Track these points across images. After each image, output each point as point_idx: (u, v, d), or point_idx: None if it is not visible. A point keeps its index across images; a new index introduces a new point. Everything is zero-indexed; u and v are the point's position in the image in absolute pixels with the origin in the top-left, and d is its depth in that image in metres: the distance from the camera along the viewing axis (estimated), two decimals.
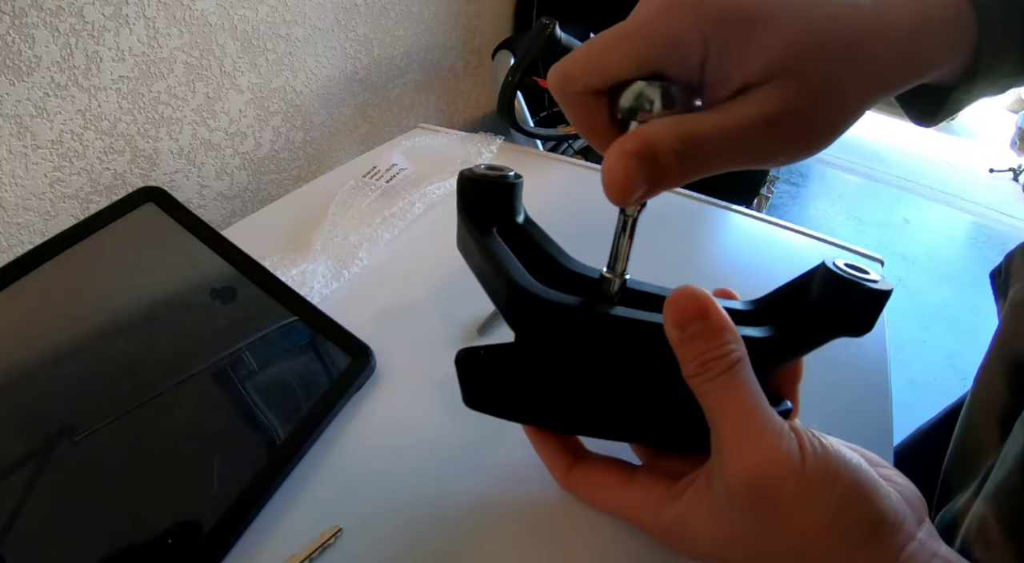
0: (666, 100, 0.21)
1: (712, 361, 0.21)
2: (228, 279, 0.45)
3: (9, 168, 0.63)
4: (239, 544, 0.35)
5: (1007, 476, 0.31)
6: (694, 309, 0.21)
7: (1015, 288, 0.41)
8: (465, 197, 0.26)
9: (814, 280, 0.25)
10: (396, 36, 1.15)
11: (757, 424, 0.20)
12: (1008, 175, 3.68)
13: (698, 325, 0.21)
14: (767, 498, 0.20)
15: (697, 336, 0.21)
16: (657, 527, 0.24)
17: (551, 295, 0.22)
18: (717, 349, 0.21)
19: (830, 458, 0.20)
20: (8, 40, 0.59)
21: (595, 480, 0.26)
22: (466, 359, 0.25)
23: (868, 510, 0.20)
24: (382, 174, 0.68)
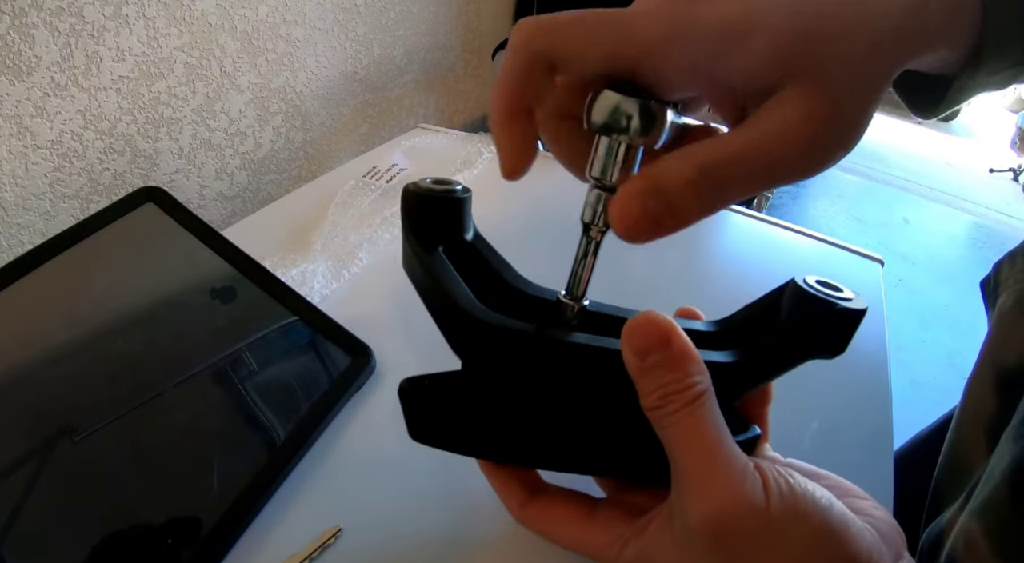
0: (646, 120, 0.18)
1: (674, 394, 0.19)
2: (228, 279, 0.45)
3: (9, 168, 0.63)
4: (239, 544, 0.35)
5: (994, 490, 0.30)
6: (655, 336, 0.19)
7: (1003, 297, 0.41)
8: (409, 213, 0.23)
9: (783, 298, 0.23)
10: (396, 36, 1.15)
11: (719, 463, 0.19)
12: (1008, 175, 3.68)
13: (660, 354, 0.19)
14: (729, 542, 0.19)
15: (659, 366, 0.19)
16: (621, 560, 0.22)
17: (496, 319, 0.21)
18: (680, 381, 0.19)
19: (797, 499, 0.19)
20: (8, 40, 0.59)
21: (552, 515, 0.24)
22: (410, 389, 0.23)
23: (839, 553, 0.19)
24: (382, 174, 0.68)
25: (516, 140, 0.21)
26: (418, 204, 0.23)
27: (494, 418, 0.22)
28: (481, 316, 0.21)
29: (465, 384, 0.22)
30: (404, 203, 0.24)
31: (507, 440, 0.23)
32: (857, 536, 0.20)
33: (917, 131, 4.43)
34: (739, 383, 0.23)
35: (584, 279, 0.23)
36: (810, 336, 0.22)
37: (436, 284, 0.22)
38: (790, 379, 0.28)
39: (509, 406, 0.22)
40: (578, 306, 0.23)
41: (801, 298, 0.22)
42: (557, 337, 0.21)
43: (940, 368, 1.98)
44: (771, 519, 0.19)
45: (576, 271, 0.23)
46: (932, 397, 1.81)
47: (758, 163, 0.18)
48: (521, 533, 0.36)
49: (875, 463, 0.41)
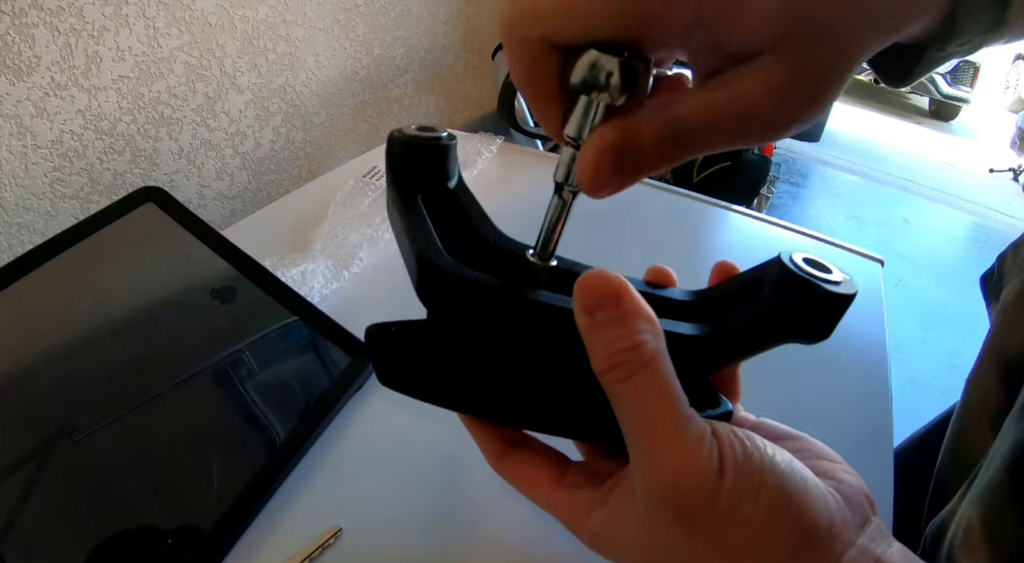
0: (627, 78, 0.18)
1: (623, 353, 0.18)
2: (228, 279, 0.45)
3: (9, 168, 0.63)
4: (239, 544, 0.35)
5: (993, 475, 0.30)
6: (605, 293, 0.18)
7: (1008, 287, 0.41)
8: (392, 159, 0.23)
9: (767, 275, 0.22)
10: (396, 36, 1.15)
11: (672, 430, 0.18)
12: (1008, 175, 3.68)
13: (609, 311, 0.18)
14: (685, 511, 0.19)
15: (608, 323, 0.18)
16: (585, 532, 0.22)
17: (462, 271, 0.20)
18: (629, 338, 0.18)
19: (753, 465, 0.19)
20: (8, 40, 0.59)
21: (525, 473, 0.24)
22: (376, 335, 0.22)
23: (797, 520, 0.19)
24: (382, 174, 0.68)
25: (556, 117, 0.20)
26: (401, 150, 0.23)
27: (456, 369, 0.22)
28: (444, 265, 0.20)
29: (430, 333, 0.22)
30: (388, 149, 0.23)
31: (469, 392, 0.22)
32: (818, 502, 0.19)
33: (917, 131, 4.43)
34: (709, 359, 0.22)
35: (553, 240, 0.22)
36: (790, 317, 0.21)
37: (408, 232, 0.22)
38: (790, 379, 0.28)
39: (471, 358, 0.22)
40: (545, 265, 0.23)
41: (784, 276, 0.21)
42: (519, 293, 0.20)
43: (940, 368, 1.98)
44: (726, 487, 0.18)
45: (545, 231, 0.22)
46: (932, 397, 1.81)
47: (729, 123, 0.18)
48: (521, 533, 0.36)
49: (875, 462, 0.41)
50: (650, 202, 0.67)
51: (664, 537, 0.20)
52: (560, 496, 0.23)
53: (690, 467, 0.18)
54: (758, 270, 0.23)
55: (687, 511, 0.19)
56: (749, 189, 1.80)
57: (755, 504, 0.18)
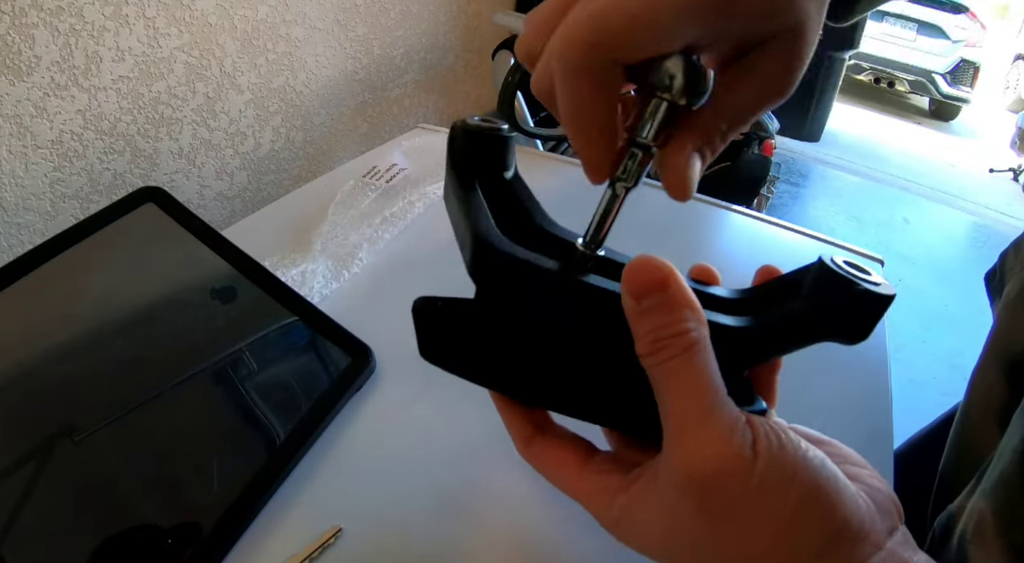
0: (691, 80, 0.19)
1: (667, 339, 0.19)
2: (228, 279, 0.45)
3: (9, 168, 0.63)
4: (239, 544, 0.35)
5: (1005, 467, 0.30)
6: (653, 280, 0.19)
7: (1010, 284, 0.41)
8: (454, 147, 0.24)
9: (808, 276, 0.23)
10: (396, 36, 1.15)
11: (708, 414, 0.18)
12: (1008, 175, 3.68)
13: (656, 297, 0.19)
14: (713, 498, 0.18)
15: (654, 309, 0.19)
16: (606, 517, 0.22)
17: (515, 250, 0.21)
18: (674, 326, 0.19)
19: (787, 457, 0.18)
20: (8, 40, 0.59)
21: (552, 457, 0.24)
22: (423, 308, 0.23)
23: (828, 517, 0.18)
24: (382, 174, 0.68)
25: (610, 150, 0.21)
26: (464, 139, 0.24)
27: (500, 349, 0.22)
28: (499, 245, 0.21)
29: (477, 312, 0.23)
30: (450, 139, 0.25)
31: (511, 373, 0.23)
32: (849, 502, 0.19)
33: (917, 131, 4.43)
34: (748, 351, 0.22)
35: (604, 230, 0.23)
36: (830, 315, 0.21)
37: (465, 214, 0.22)
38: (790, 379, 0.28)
39: (517, 340, 0.22)
40: (593, 254, 0.23)
41: (825, 275, 0.22)
42: (568, 275, 0.21)
43: (940, 368, 1.98)
44: (757, 477, 0.18)
45: (596, 221, 0.23)
46: (932, 397, 1.81)
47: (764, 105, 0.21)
48: (521, 532, 0.36)
49: (875, 462, 0.40)
50: (650, 202, 0.67)
51: (686, 523, 0.19)
52: (585, 479, 0.23)
53: (722, 451, 0.18)
54: (800, 272, 0.24)
55: (714, 496, 0.18)
56: (749, 189, 1.80)
57: (785, 495, 0.18)
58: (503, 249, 0.21)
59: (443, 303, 0.23)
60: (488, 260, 0.21)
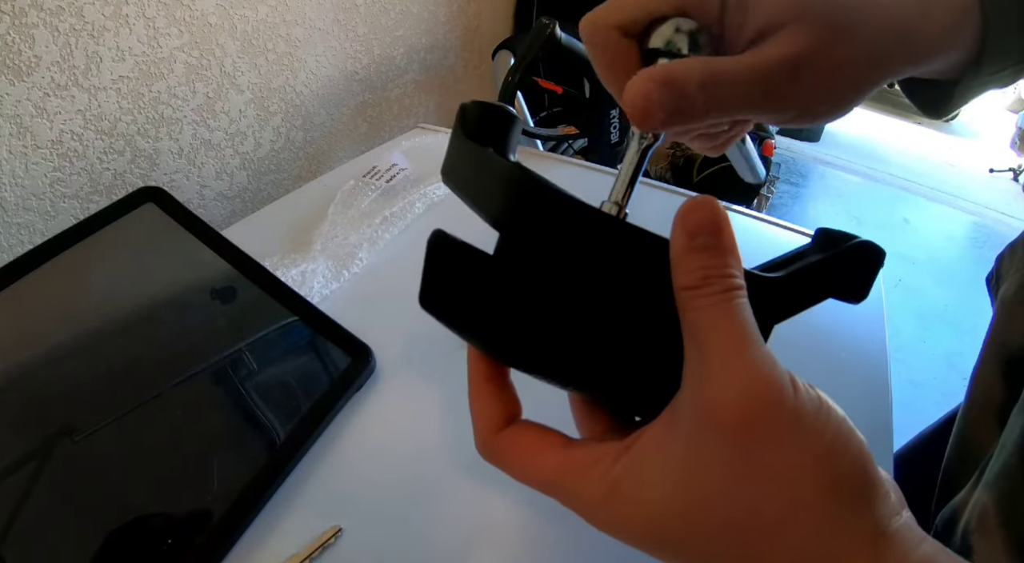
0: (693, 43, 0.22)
1: (714, 278, 0.19)
2: (228, 279, 0.45)
3: (9, 168, 0.63)
4: (239, 544, 0.35)
5: (1007, 460, 0.31)
6: (711, 221, 0.19)
7: (1006, 284, 0.41)
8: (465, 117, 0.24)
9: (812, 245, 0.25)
10: (396, 36, 1.15)
11: (751, 346, 0.18)
12: (1008, 175, 3.68)
13: (709, 238, 0.19)
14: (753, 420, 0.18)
15: (705, 249, 0.19)
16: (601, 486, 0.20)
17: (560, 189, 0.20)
18: (723, 268, 0.19)
19: (822, 400, 0.19)
20: (8, 40, 0.59)
21: (530, 440, 0.22)
22: (441, 243, 0.22)
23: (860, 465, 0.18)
24: (382, 174, 0.68)
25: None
26: (475, 110, 0.24)
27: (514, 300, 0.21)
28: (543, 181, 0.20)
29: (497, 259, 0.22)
30: (460, 113, 0.25)
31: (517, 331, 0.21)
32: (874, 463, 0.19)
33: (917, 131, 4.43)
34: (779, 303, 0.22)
35: (628, 184, 0.23)
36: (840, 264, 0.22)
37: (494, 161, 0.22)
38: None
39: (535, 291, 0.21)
40: (621, 211, 0.24)
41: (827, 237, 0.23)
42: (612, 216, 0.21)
43: (940, 368, 1.98)
44: (794, 406, 0.18)
45: (620, 178, 0.24)
46: (932, 397, 1.81)
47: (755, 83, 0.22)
48: (521, 532, 0.36)
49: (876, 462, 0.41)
50: (650, 202, 0.67)
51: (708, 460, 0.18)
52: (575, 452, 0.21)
53: (768, 376, 0.18)
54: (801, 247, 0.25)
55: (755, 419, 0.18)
56: (749, 189, 1.80)
57: (821, 432, 0.18)
58: (547, 183, 0.20)
59: (463, 244, 0.22)
60: (529, 194, 0.20)
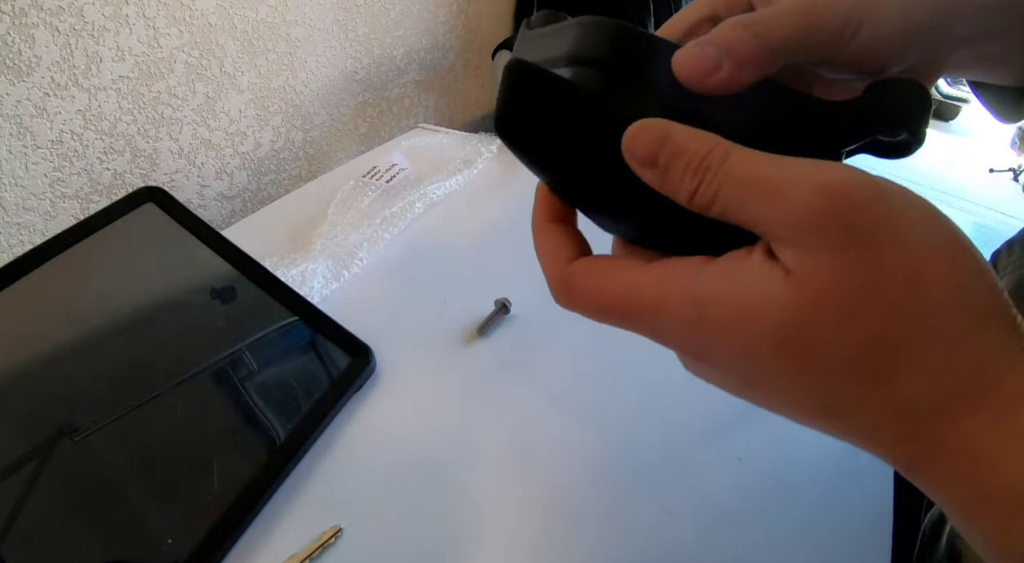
0: None
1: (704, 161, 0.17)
2: (228, 279, 0.45)
3: (9, 168, 0.63)
4: (239, 544, 0.35)
5: None
6: (654, 139, 0.17)
7: (1002, 282, 0.41)
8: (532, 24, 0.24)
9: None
10: (396, 36, 1.15)
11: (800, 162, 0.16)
12: (1008, 175, 3.67)
13: (666, 151, 0.17)
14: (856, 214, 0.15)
15: (671, 163, 0.17)
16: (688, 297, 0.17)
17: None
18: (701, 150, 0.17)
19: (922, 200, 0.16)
20: (8, 40, 0.59)
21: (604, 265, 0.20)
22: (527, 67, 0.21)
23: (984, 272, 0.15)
24: (382, 174, 0.68)
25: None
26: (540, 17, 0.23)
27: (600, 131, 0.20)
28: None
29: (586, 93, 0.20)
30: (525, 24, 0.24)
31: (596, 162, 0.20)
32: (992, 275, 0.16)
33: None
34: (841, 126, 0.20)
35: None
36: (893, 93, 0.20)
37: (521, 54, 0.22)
38: None
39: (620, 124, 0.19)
40: None
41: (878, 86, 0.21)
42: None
43: None
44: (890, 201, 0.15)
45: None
46: None
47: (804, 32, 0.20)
48: (520, 532, 0.36)
49: (875, 462, 0.41)
50: None
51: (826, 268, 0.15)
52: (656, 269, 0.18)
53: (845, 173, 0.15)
54: None
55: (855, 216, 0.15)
56: None
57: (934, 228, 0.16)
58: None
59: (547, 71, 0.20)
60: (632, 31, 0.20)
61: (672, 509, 0.37)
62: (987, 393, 0.15)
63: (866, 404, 0.16)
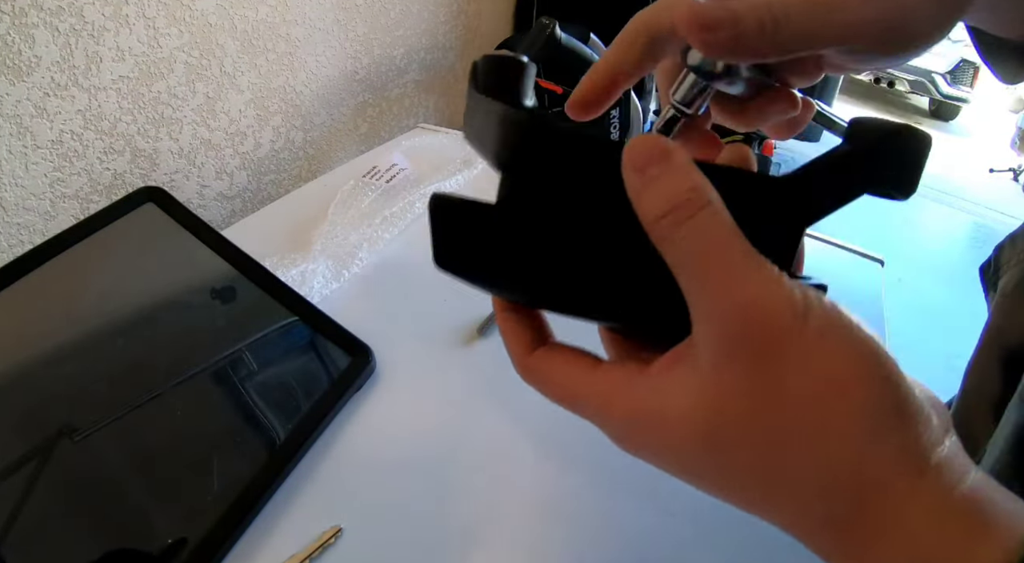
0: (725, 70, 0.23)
1: (681, 202, 0.17)
2: (228, 279, 0.45)
3: (9, 168, 0.63)
4: (239, 544, 0.35)
5: (998, 456, 0.31)
6: (655, 150, 0.17)
7: (1005, 278, 0.41)
8: (475, 73, 0.25)
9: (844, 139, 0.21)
10: (396, 36, 1.15)
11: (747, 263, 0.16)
12: (1008, 175, 3.68)
13: (660, 166, 0.17)
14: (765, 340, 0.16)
15: (660, 176, 0.17)
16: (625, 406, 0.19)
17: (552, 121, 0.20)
18: (686, 182, 0.17)
19: (842, 315, 0.16)
20: (8, 40, 0.59)
21: (560, 360, 0.22)
22: (443, 205, 0.21)
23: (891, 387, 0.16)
24: (382, 174, 0.68)
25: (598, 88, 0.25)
26: (484, 63, 0.25)
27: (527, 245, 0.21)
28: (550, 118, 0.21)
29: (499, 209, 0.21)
30: (472, 70, 0.25)
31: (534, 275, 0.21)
32: (909, 380, 0.17)
33: None
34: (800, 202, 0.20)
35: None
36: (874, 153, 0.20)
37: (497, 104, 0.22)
38: None
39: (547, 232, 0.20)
40: None
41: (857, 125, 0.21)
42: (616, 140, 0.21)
43: (940, 368, 1.98)
44: (813, 325, 0.16)
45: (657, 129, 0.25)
46: None
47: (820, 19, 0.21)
48: (520, 532, 0.36)
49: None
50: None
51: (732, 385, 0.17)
52: (601, 373, 0.20)
53: (772, 292, 0.16)
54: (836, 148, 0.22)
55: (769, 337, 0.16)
56: None
57: (846, 352, 0.16)
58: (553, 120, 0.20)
59: (462, 200, 0.21)
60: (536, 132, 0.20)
61: (672, 509, 0.37)
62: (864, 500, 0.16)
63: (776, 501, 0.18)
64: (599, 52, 1.20)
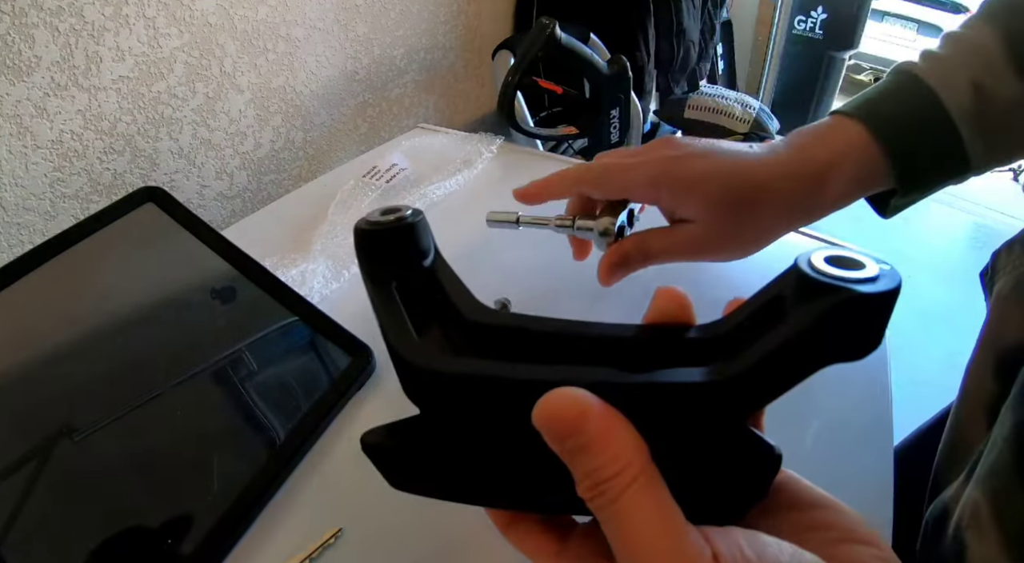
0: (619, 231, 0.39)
1: (603, 483, 0.17)
2: (228, 279, 0.45)
3: (9, 168, 0.63)
4: (239, 544, 0.35)
5: (997, 457, 0.31)
6: (566, 420, 0.17)
7: (1001, 282, 0.41)
8: (359, 249, 0.23)
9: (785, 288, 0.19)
10: (396, 36, 1.15)
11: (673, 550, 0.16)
12: (1008, 175, 3.68)
13: (576, 439, 0.17)
14: None
15: (579, 452, 0.17)
16: None
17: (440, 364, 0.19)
18: (607, 467, 0.17)
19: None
20: (8, 40, 0.59)
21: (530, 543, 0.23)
22: (372, 443, 0.22)
23: None
24: (382, 174, 0.68)
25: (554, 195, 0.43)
26: (365, 240, 0.22)
27: (455, 463, 0.21)
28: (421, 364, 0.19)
29: (424, 430, 0.21)
30: (355, 241, 0.23)
31: (473, 484, 0.22)
32: None
33: None
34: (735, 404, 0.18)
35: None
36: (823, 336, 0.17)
37: (383, 329, 0.21)
38: None
39: (467, 450, 0.21)
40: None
41: (806, 286, 0.17)
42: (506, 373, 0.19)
43: (940, 368, 1.98)
44: None
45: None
46: (932, 397, 1.80)
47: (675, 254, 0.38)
48: None
49: (875, 462, 0.41)
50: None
51: None
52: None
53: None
54: (775, 285, 0.19)
55: None
56: None
57: None
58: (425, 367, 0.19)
59: (389, 430, 0.21)
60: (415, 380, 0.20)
61: None
62: None
63: None
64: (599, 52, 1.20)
